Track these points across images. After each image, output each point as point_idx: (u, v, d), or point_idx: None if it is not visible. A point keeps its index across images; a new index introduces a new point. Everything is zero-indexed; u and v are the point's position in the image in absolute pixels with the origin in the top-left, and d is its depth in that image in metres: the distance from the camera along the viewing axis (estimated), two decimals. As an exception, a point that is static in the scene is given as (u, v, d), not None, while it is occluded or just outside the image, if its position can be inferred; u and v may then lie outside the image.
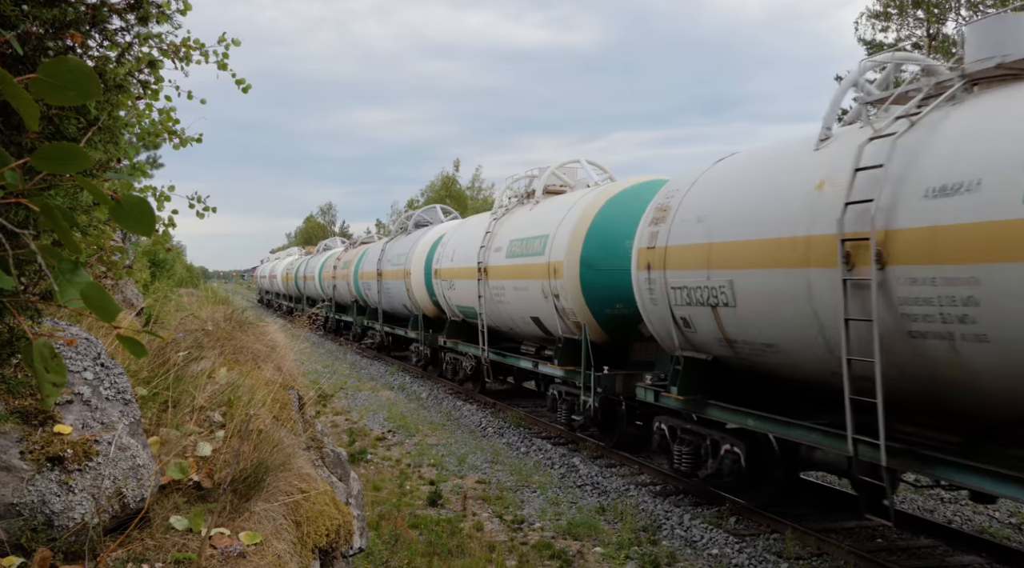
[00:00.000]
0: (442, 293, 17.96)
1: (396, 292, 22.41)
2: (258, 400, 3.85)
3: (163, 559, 2.29)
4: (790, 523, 8.41)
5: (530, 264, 13.23)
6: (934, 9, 34.37)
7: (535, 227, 13.52)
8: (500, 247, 14.57)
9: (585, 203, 12.33)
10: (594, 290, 11.70)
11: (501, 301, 14.51)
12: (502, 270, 14.35)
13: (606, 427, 11.97)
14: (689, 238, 8.76)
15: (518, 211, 15.13)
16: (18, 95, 1.26)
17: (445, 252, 17.78)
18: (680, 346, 9.25)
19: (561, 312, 12.31)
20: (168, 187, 4.58)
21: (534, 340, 15.14)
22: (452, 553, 7.71)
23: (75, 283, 1.41)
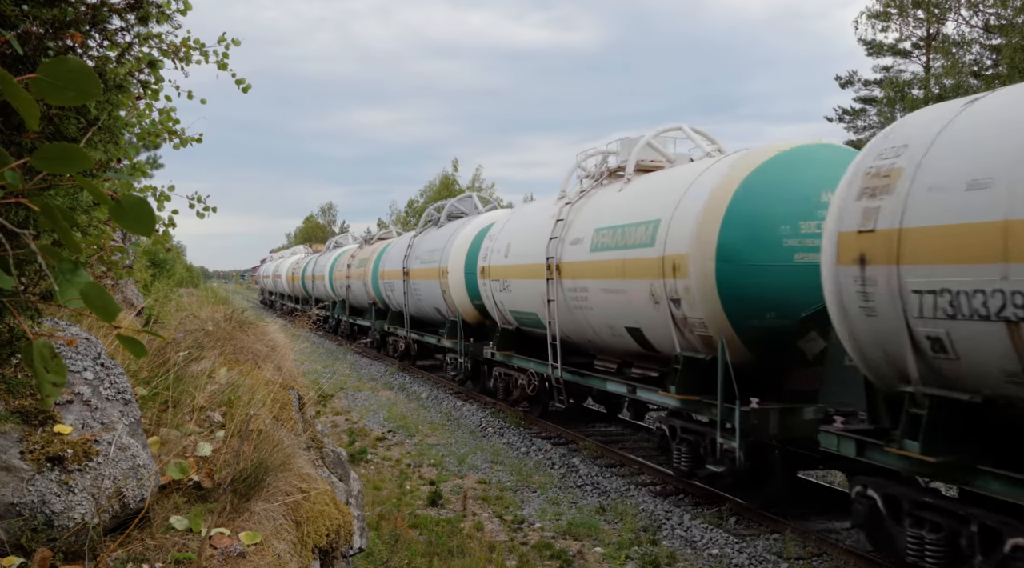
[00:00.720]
0: (491, 295, 15.06)
1: (427, 294, 19.50)
2: (258, 400, 3.85)
3: (163, 559, 2.29)
4: (790, 523, 8.41)
5: (630, 259, 10.10)
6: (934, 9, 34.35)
7: (635, 211, 10.38)
8: (580, 238, 11.57)
9: (714, 178, 9.11)
10: (737, 293, 8.47)
11: (581, 307, 11.48)
12: (584, 267, 11.33)
13: (752, 481, 9.02)
14: (955, 214, 5.73)
15: (601, 193, 11.92)
16: (18, 95, 1.26)
17: (495, 246, 14.81)
18: (920, 378, 6.17)
19: (680, 322, 9.20)
20: (168, 187, 4.58)
21: (619, 355, 11.65)
22: (452, 553, 7.71)
23: (75, 283, 1.41)
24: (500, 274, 14.51)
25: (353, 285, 28.91)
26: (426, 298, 19.77)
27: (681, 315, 9.15)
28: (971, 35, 33.93)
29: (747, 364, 8.70)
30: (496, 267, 14.67)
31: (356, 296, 28.91)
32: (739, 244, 8.48)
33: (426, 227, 21.83)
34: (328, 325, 36.17)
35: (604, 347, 11.76)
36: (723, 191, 8.78)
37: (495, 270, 14.74)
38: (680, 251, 9.04)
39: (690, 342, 9.25)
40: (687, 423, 9.66)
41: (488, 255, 15.10)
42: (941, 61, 33.35)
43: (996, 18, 32.62)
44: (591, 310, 11.26)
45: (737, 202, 8.60)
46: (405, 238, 23.09)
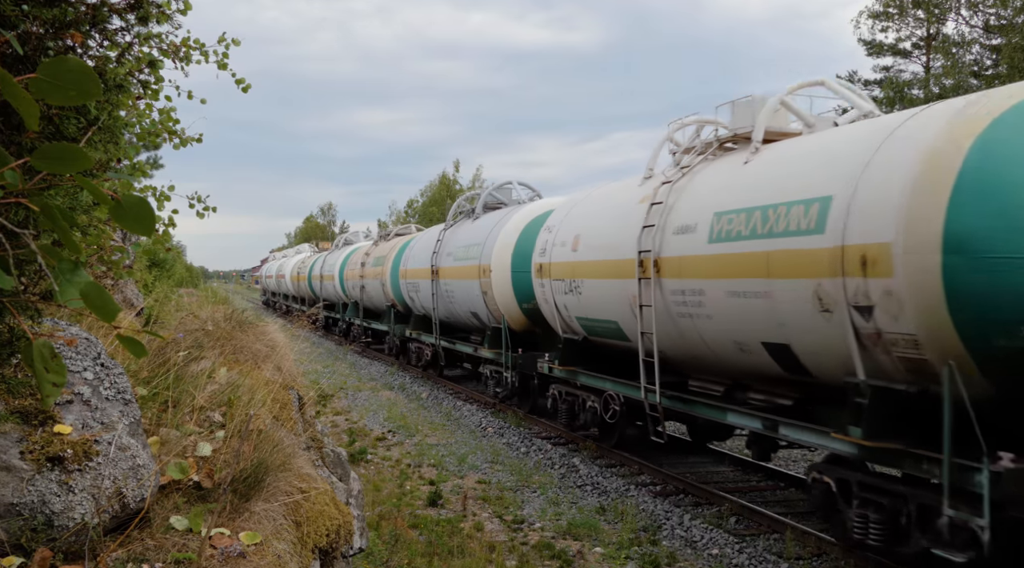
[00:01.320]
0: (550, 299, 12.63)
1: (463, 296, 16.85)
2: (258, 400, 3.85)
3: (163, 559, 2.29)
4: (790, 523, 8.41)
5: (779, 251, 7.51)
6: (934, 9, 34.37)
7: (783, 188, 7.75)
8: (690, 225, 8.92)
9: (924, 135, 6.45)
10: (976, 300, 5.84)
11: (692, 314, 8.87)
12: (698, 264, 8.69)
13: None
14: None
15: (713, 169, 9.35)
16: (18, 95, 1.26)
17: (558, 238, 12.38)
18: None
19: (869, 339, 6.66)
20: (168, 187, 4.58)
21: (734, 376, 9.27)
22: (452, 553, 7.71)
23: (75, 283, 1.41)
24: (565, 272, 12.00)
25: (368, 285, 26.29)
26: (461, 300, 17.13)
27: (872, 329, 6.55)
28: (971, 35, 33.95)
29: (984, 400, 5.96)
30: (559, 264, 12.16)
31: (372, 297, 26.27)
32: (980, 227, 5.80)
33: (458, 219, 18.89)
34: (338, 329, 33.93)
35: (715, 366, 9.25)
36: (947, 151, 6.10)
37: (558, 268, 12.21)
38: (874, 239, 6.47)
39: (883, 367, 6.62)
40: (872, 478, 7.06)
41: (547, 249, 12.61)
42: (941, 61, 33.37)
43: (996, 18, 32.64)
44: (708, 319, 8.65)
45: (973, 165, 5.92)
46: (432, 232, 20.44)
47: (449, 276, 17.66)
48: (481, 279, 15.72)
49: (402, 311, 23.09)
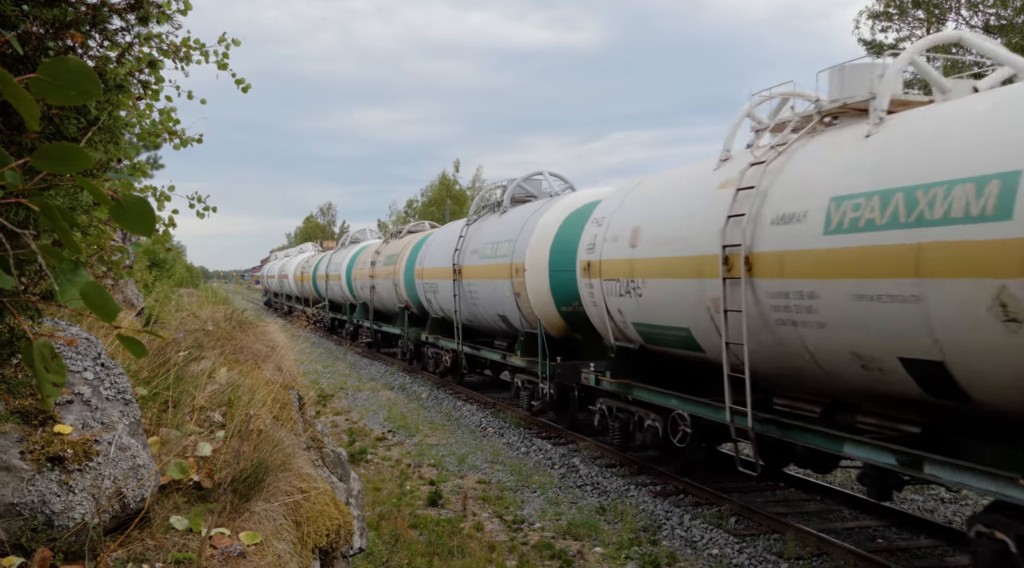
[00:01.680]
0: (600, 301, 10.99)
1: (490, 297, 15.21)
2: (258, 400, 3.85)
3: (163, 559, 2.29)
4: (791, 523, 8.41)
5: (935, 244, 5.91)
6: (934, 9, 34.38)
7: (938, 164, 6.07)
8: (794, 214, 7.39)
9: None
10: None
11: (797, 322, 7.34)
12: (808, 260, 7.14)
13: None
14: None
15: (816, 146, 7.74)
16: (18, 95, 1.26)
17: (609, 232, 10.78)
18: None
19: None
20: (168, 187, 4.58)
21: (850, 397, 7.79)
22: (452, 553, 7.71)
23: (75, 283, 1.41)
24: (620, 271, 10.32)
25: (379, 286, 24.52)
26: (487, 302, 15.49)
27: None
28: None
29: None
30: (613, 262, 10.53)
31: (383, 299, 24.55)
32: None
33: (482, 214, 17.10)
34: (345, 331, 31.98)
35: (815, 384, 7.87)
36: None
37: (611, 266, 10.56)
38: None
39: None
40: None
41: (597, 245, 11.00)
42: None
43: (996, 18, 32.65)
44: (819, 328, 7.11)
45: None
46: (452, 228, 18.67)
47: (474, 276, 15.87)
48: (513, 279, 13.92)
49: (417, 313, 21.39)
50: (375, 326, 26.60)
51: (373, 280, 25.33)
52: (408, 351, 22.50)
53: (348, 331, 31.44)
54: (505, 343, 15.99)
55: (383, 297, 24.58)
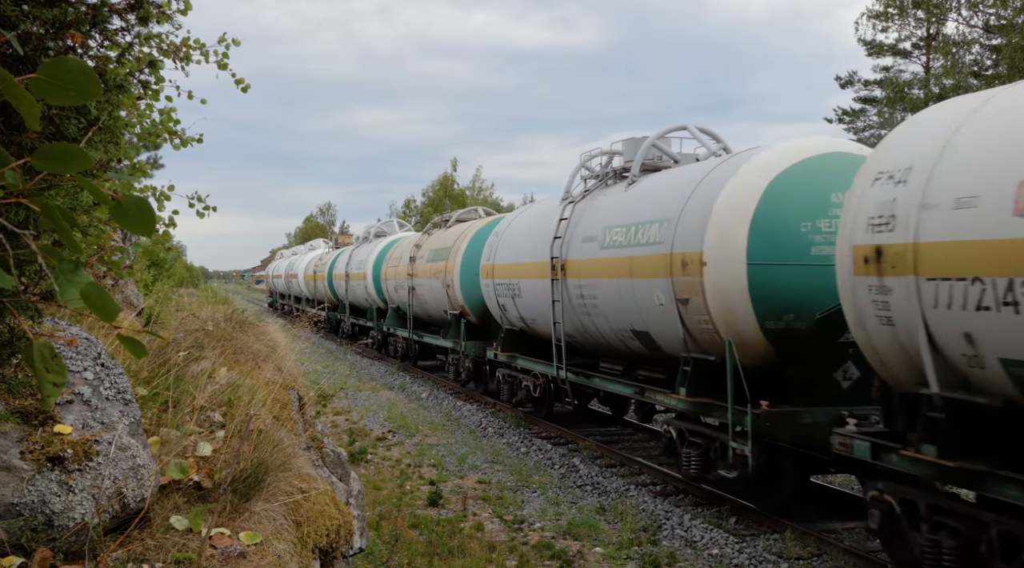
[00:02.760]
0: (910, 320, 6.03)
1: (615, 304, 10.60)
2: (258, 400, 3.85)
3: (163, 559, 2.29)
4: (790, 523, 8.41)
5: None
6: (934, 9, 34.36)
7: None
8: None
9: None
10: None
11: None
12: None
13: None
14: None
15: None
16: (19, 95, 1.26)
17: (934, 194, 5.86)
18: None
19: None
20: (168, 187, 4.58)
21: None
22: (452, 553, 7.71)
23: (75, 283, 1.41)
24: None
25: (421, 287, 20.08)
26: (614, 311, 10.70)
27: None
28: (971, 35, 33.96)
29: None
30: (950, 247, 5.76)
31: (426, 303, 20.01)
32: None
33: (591, 187, 12.43)
34: (371, 341, 27.38)
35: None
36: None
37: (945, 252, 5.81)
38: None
39: None
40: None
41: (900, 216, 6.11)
42: (941, 61, 33.37)
43: (996, 18, 32.64)
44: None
45: None
46: (540, 210, 14.37)
47: (590, 272, 11.24)
48: (674, 278, 9.07)
49: (477, 323, 17.21)
50: (414, 336, 21.48)
51: (412, 280, 20.72)
52: (464, 371, 17.69)
53: (376, 340, 26.50)
54: (647, 370, 11.10)
55: (426, 301, 19.89)
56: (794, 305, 8.28)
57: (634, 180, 11.39)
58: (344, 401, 17.40)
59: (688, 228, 9.01)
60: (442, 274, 18.46)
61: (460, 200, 52.36)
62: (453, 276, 17.66)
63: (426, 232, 21.61)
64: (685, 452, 9.40)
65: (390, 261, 23.60)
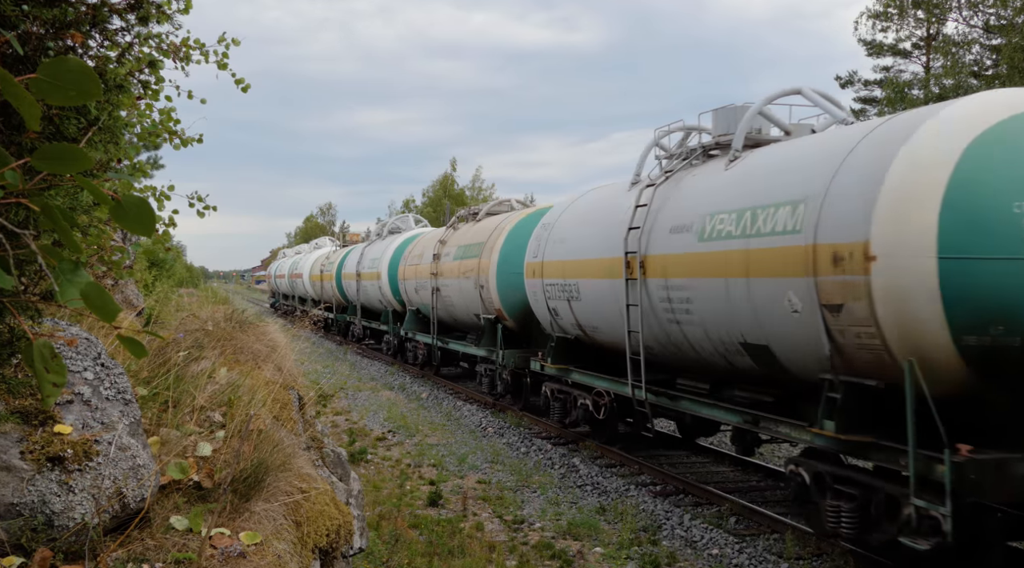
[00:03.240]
0: None
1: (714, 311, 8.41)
2: (258, 400, 3.85)
3: (163, 559, 2.29)
4: (791, 523, 8.42)
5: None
6: (934, 9, 34.37)
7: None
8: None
9: None
10: None
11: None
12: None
13: None
14: None
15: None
16: (19, 95, 1.26)
17: None
18: None
19: None
20: (168, 187, 4.58)
21: None
22: (452, 553, 7.71)
23: (75, 283, 1.41)
24: None
25: (447, 288, 18.01)
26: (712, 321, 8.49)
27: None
28: (971, 35, 33.96)
29: None
30: None
31: (452, 306, 18.03)
32: None
33: (675, 168, 10.02)
34: (386, 346, 25.16)
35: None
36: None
37: None
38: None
39: None
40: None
41: None
42: (941, 61, 33.38)
43: (996, 18, 32.64)
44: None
45: None
46: (604, 195, 11.82)
47: (682, 270, 8.89)
48: (817, 277, 6.91)
49: (515, 329, 15.13)
50: (438, 342, 19.27)
51: (437, 280, 18.55)
52: (502, 382, 15.42)
53: (391, 345, 24.31)
54: (747, 390, 8.95)
55: (453, 303, 17.88)
56: (1006, 313, 6.01)
57: (736, 156, 8.97)
58: (344, 401, 17.40)
59: (840, 211, 6.76)
60: (474, 273, 16.22)
61: (459, 200, 52.32)
62: (488, 275, 15.43)
63: (451, 226, 19.45)
64: (831, 505, 7.19)
65: (408, 259, 21.43)
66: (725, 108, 9.64)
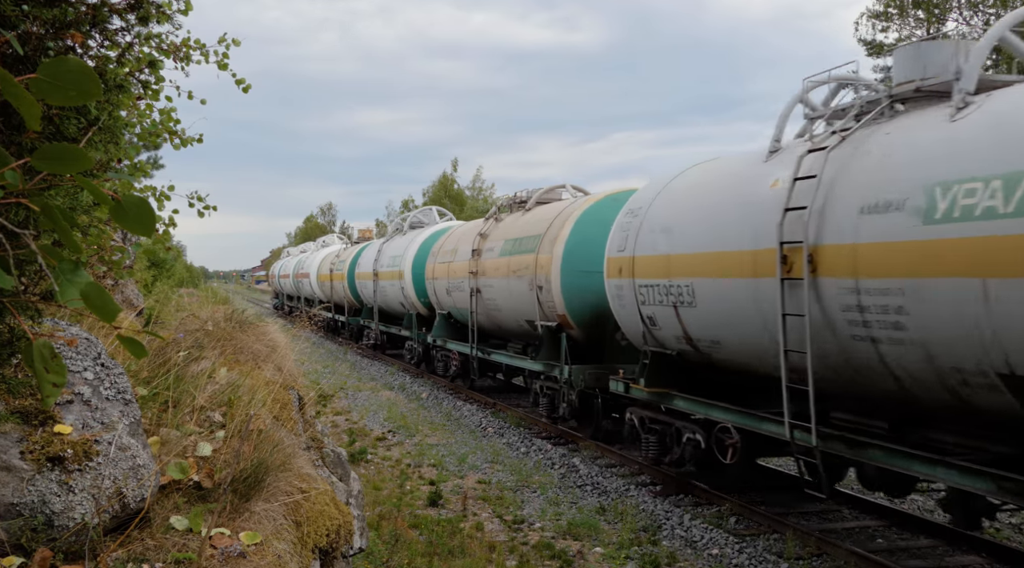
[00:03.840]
0: None
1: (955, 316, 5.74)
2: (258, 400, 3.85)
3: (163, 559, 2.29)
4: (791, 523, 8.41)
5: None
6: (934, 9, 34.40)
7: None
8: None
9: None
10: None
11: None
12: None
13: None
14: None
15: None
16: (19, 95, 1.26)
17: None
18: None
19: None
20: (168, 187, 4.58)
21: None
22: (452, 553, 7.71)
23: (75, 283, 1.41)
24: None
25: (491, 289, 15.34)
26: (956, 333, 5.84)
27: None
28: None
29: None
30: None
31: (498, 309, 15.30)
32: None
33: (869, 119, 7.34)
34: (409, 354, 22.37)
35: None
36: None
37: None
38: None
39: None
40: None
41: None
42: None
43: (996, 18, 32.66)
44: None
45: None
46: (728, 170, 9.23)
47: (889, 267, 6.37)
48: None
49: (581, 339, 12.77)
50: (479, 352, 16.45)
51: (477, 280, 15.98)
52: (567, 405, 12.81)
53: (414, 353, 21.64)
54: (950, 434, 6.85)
55: (499, 307, 15.26)
56: None
57: (968, 101, 6.33)
58: (344, 401, 17.40)
59: None
60: (528, 272, 13.63)
61: (459, 200, 52.30)
62: (549, 274, 12.88)
63: (492, 217, 16.96)
64: None
65: (438, 256, 18.75)
66: (913, 44, 7.44)
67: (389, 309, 24.30)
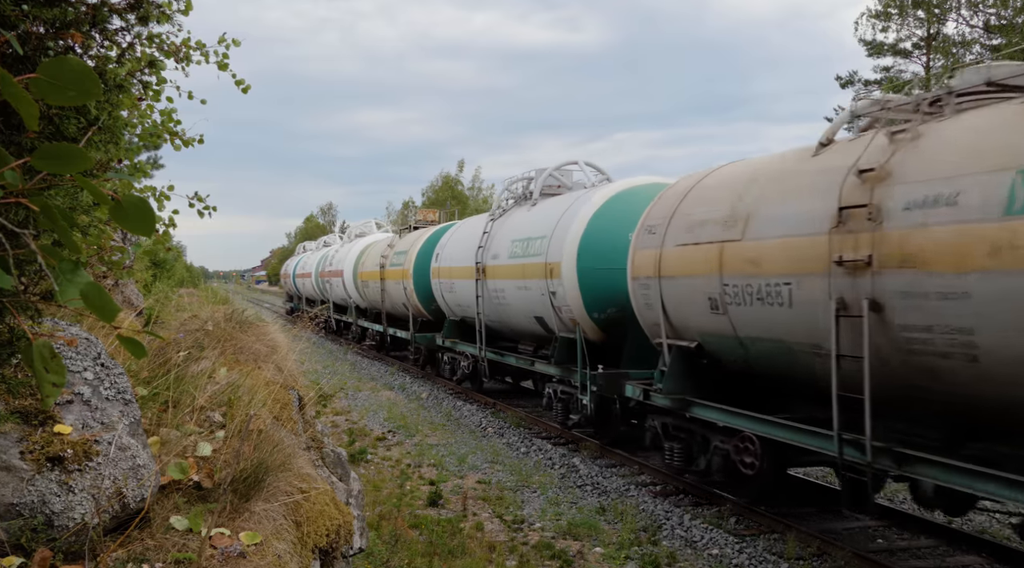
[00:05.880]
0: None
1: None
2: (258, 400, 3.85)
3: (163, 559, 2.29)
4: (791, 523, 8.41)
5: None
6: (934, 9, 34.38)
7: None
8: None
9: None
10: None
11: None
12: None
13: None
14: None
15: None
16: (18, 95, 1.26)
17: None
18: None
19: None
20: (168, 187, 4.58)
21: None
22: (452, 553, 7.71)
23: (75, 283, 1.41)
24: None
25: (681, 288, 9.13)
26: None
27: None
28: (971, 35, 33.97)
29: None
30: None
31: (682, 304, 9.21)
32: None
33: None
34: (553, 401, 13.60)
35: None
36: None
37: None
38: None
39: None
40: None
41: None
42: (941, 61, 33.38)
43: (996, 18, 32.65)
44: None
45: None
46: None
47: None
48: None
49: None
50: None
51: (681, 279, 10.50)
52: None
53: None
54: None
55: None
56: None
57: None
58: (344, 401, 17.40)
59: None
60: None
61: (463, 200, 52.31)
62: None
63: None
64: None
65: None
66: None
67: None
